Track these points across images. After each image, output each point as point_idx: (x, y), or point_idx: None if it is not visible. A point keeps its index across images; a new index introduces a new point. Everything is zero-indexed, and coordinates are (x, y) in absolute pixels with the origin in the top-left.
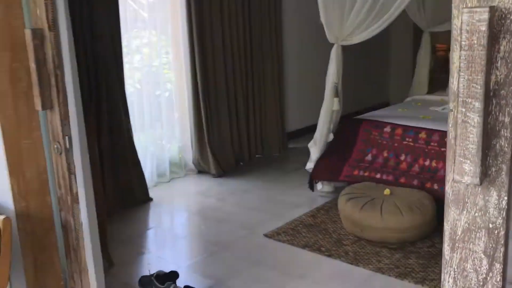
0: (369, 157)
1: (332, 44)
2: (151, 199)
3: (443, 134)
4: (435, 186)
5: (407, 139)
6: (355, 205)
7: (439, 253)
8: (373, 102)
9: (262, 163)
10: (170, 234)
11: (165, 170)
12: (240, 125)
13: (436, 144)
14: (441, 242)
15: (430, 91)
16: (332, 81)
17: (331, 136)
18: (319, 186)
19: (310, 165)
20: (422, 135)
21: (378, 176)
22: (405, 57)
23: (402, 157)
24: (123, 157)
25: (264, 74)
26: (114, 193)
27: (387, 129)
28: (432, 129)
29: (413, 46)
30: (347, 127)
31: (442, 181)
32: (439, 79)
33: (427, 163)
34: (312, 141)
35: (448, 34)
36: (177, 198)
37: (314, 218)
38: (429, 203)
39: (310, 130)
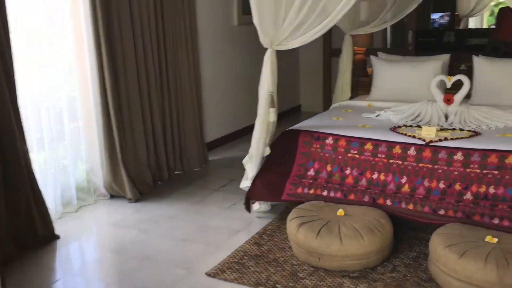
0: (311, 172)
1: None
2: (57, 237)
3: (391, 145)
4: (388, 202)
5: (351, 151)
6: (310, 231)
7: (403, 278)
8: (285, 106)
9: (184, 180)
10: (85, 282)
11: (71, 198)
12: (156, 138)
13: (383, 156)
14: (401, 264)
15: (352, 96)
16: (267, 90)
17: (268, 150)
18: (255, 206)
19: (246, 184)
20: (368, 146)
21: (325, 193)
22: (315, 60)
23: (348, 171)
24: (20, 187)
25: (180, 80)
26: (11, 234)
27: (329, 140)
28: (378, 140)
29: (323, 49)
30: (284, 140)
31: (393, 196)
32: (358, 82)
33: (374, 176)
34: (247, 157)
35: (365, 37)
36: (89, 232)
37: (259, 246)
38: (387, 222)
39: (228, 139)
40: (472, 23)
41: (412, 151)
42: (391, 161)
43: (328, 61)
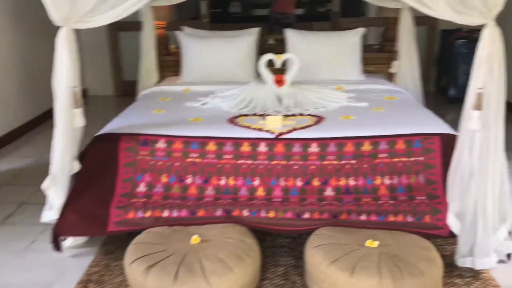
0: (142, 188)
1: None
2: None
3: (238, 142)
4: (245, 212)
5: (191, 154)
6: (164, 275)
7: None
8: None
9: None
10: None
11: None
12: None
13: (230, 156)
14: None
15: (159, 78)
16: (66, 85)
17: (77, 166)
18: (67, 241)
19: (50, 216)
20: (211, 146)
21: (165, 214)
22: (98, 35)
23: (189, 180)
24: None
25: None
26: None
27: (161, 144)
28: (222, 138)
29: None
30: (98, 149)
31: (249, 204)
32: (162, 62)
33: (222, 182)
34: (48, 179)
35: (166, 8)
36: None
37: None
38: (252, 241)
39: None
40: None
41: (262, 148)
42: (239, 161)
43: (115, 37)
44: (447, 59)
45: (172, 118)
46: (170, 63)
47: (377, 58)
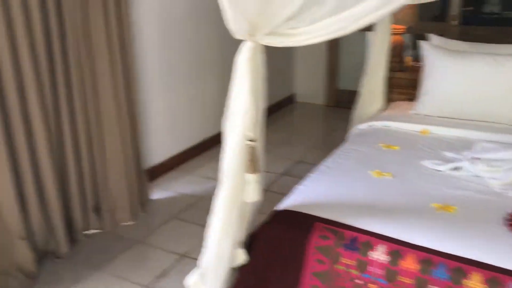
0: None
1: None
2: None
3: None
4: None
5: (431, 287)
6: None
7: None
8: (274, 97)
9: (101, 251)
10: None
11: None
12: (41, 174)
13: None
14: None
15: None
16: (241, 134)
17: (242, 257)
18: None
19: None
20: (475, 282)
21: None
22: None
23: None
24: None
25: (95, 74)
26: None
27: (380, 253)
28: (500, 270)
29: None
30: (275, 234)
31: None
32: (391, 80)
33: None
34: (194, 275)
35: (409, 8)
36: None
37: None
38: None
39: (181, 160)
40: None
41: None
42: None
43: (335, 39)
44: None
45: (402, 196)
46: (401, 82)
47: None
